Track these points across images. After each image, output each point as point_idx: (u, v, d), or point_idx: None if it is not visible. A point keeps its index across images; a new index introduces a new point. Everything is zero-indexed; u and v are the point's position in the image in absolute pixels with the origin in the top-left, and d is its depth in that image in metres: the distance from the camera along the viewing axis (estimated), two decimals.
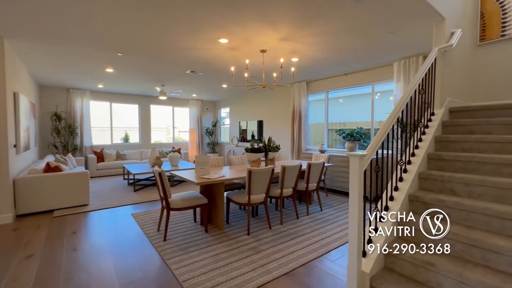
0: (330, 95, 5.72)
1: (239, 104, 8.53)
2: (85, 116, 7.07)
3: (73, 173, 3.98)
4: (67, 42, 3.43)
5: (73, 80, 5.89)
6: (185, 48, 3.70)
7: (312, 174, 3.65)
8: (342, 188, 4.85)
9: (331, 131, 5.85)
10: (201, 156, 3.23)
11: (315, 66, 4.68)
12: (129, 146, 8.05)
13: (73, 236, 2.94)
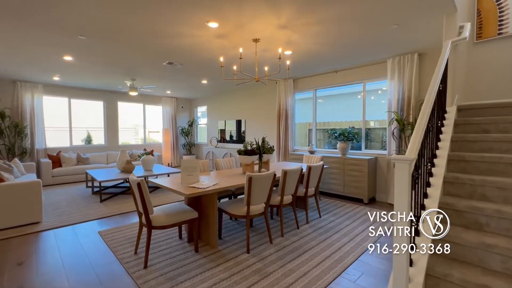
0: (318, 93, 5.48)
1: (218, 103, 8.00)
2: (36, 114, 5.99)
3: (20, 184, 3.17)
4: (8, 16, 2.66)
5: (21, 70, 4.89)
6: (164, 33, 3.13)
7: (312, 177, 3.32)
8: (334, 190, 4.61)
9: (318, 131, 5.62)
10: (189, 160, 2.71)
11: (307, 61, 4.38)
12: (92, 149, 7.07)
13: (18, 269, 2.23)
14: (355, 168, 4.30)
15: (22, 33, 3.10)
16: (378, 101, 4.74)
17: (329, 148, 5.31)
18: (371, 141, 4.87)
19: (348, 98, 5.30)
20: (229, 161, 4.03)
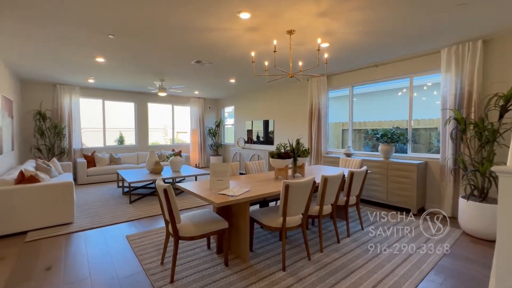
0: (355, 90, 5.01)
1: (245, 103, 7.79)
2: (74, 115, 6.25)
3: (53, 184, 3.19)
4: (44, 18, 2.65)
5: (60, 73, 5.08)
6: (192, 28, 2.95)
7: (354, 184, 2.92)
8: (374, 198, 4.13)
9: (354, 131, 5.13)
10: (219, 164, 2.48)
11: (344, 55, 3.96)
12: (124, 149, 7.25)
13: (45, 275, 2.16)
14: (401, 174, 3.79)
15: (57, 34, 3.11)
16: (426, 97, 4.16)
17: (368, 151, 4.81)
18: (416, 142, 4.30)
19: (390, 95, 4.75)
20: (259, 164, 3.76)
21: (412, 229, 3.13)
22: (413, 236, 2.91)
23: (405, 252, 2.53)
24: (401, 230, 3.10)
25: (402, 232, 3.04)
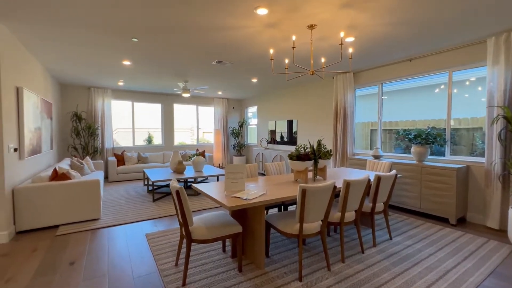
0: (385, 87, 4.64)
1: (268, 102, 7.68)
2: (106, 116, 6.64)
3: (82, 182, 3.37)
4: (72, 25, 2.80)
5: (93, 77, 5.42)
6: (211, 27, 2.91)
7: (381, 190, 2.67)
8: (406, 204, 3.77)
9: (383, 131, 4.76)
10: (234, 165, 2.41)
11: (372, 49, 3.67)
12: (151, 148, 7.55)
13: (69, 270, 2.25)
14: (438, 179, 3.42)
15: (86, 38, 3.27)
16: (468, 94, 3.71)
17: (399, 153, 4.43)
18: (456, 144, 3.85)
19: (425, 92, 4.33)
20: (279, 165, 3.63)
21: (450, 241, 2.79)
22: (452, 250, 2.58)
23: (441, 269, 2.24)
24: (437, 242, 2.77)
25: (438, 244, 2.71)
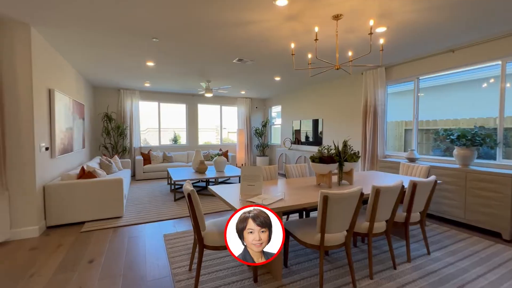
0: (422, 83, 4.18)
1: (292, 101, 7.43)
2: (134, 117, 6.91)
3: (106, 180, 3.46)
4: (97, 27, 2.86)
5: (121, 79, 5.64)
6: (229, 24, 2.80)
7: (417, 198, 2.35)
8: (447, 214, 3.34)
9: (419, 131, 4.30)
10: (250, 167, 2.26)
11: (407, 40, 3.29)
12: (176, 148, 7.71)
13: (87, 268, 2.28)
14: (487, 187, 2.96)
15: (110, 40, 3.35)
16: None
17: (439, 155, 3.96)
18: (509, 146, 3.32)
19: (470, 87, 3.81)
20: (301, 167, 3.42)
21: (505, 260, 2.37)
22: (507, 272, 2.18)
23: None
24: (487, 260, 2.37)
25: (489, 263, 2.32)
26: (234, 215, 1.26)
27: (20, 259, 2.42)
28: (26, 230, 2.90)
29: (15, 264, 2.34)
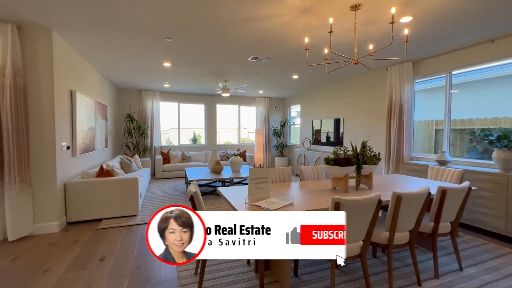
0: (455, 79, 3.78)
1: (312, 100, 7.17)
2: (155, 117, 7.09)
3: (122, 179, 3.54)
4: (113, 30, 2.92)
5: (141, 80, 5.80)
6: (242, 20, 2.70)
7: (447, 207, 2.08)
8: (484, 224, 2.97)
9: (451, 131, 3.89)
10: (258, 169, 2.15)
11: (437, 30, 2.97)
12: (195, 148, 7.80)
13: (97, 266, 2.31)
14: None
15: (126, 42, 3.42)
16: None
17: (475, 158, 3.55)
18: None
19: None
20: (317, 169, 3.23)
21: None
22: None
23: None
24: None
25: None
26: (156, 214, 1.29)
27: (39, 254, 2.52)
28: (47, 225, 3.03)
29: (33, 258, 2.43)
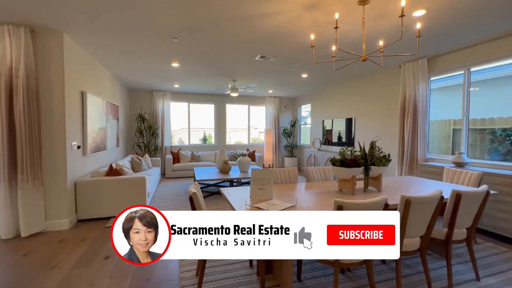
0: (474, 76, 3.56)
1: (323, 99, 7.02)
2: (165, 117, 7.19)
3: (130, 178, 3.59)
4: (120, 31, 2.96)
5: (152, 80, 5.89)
6: (247, 17, 2.66)
7: (462, 211, 1.94)
8: (505, 231, 2.76)
9: (470, 131, 3.67)
10: (261, 170, 2.10)
11: (454, 23, 2.80)
12: (205, 147, 7.85)
13: (101, 264, 2.33)
14: None
15: (134, 42, 3.46)
16: None
17: (496, 159, 3.33)
18: None
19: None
20: (324, 170, 3.13)
21: None
22: None
23: None
24: None
25: None
26: (120, 214, 1.28)
27: (48, 250, 2.59)
28: (58, 222, 3.12)
29: (43, 254, 2.50)
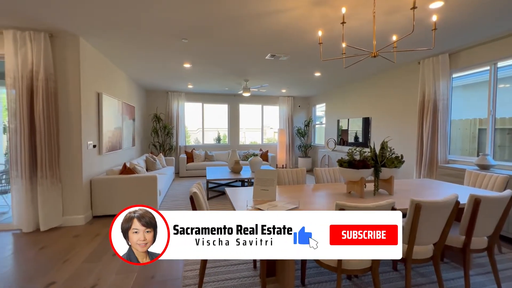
0: (502, 72, 3.28)
1: (338, 98, 6.84)
2: (180, 117, 7.33)
3: (141, 177, 3.68)
4: (133, 34, 3.04)
5: (166, 81, 6.03)
6: (255, 15, 2.63)
7: (482, 219, 1.78)
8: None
9: (497, 131, 3.39)
10: (264, 170, 2.06)
11: (476, 14, 2.60)
12: (218, 147, 7.92)
13: (110, 260, 2.40)
14: None
15: (147, 45, 3.55)
16: None
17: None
18: None
19: None
20: (334, 171, 3.03)
21: None
22: None
23: None
24: None
25: None
26: (119, 214, 1.26)
27: (63, 244, 2.71)
28: (74, 218, 3.27)
29: (58, 248, 2.62)
